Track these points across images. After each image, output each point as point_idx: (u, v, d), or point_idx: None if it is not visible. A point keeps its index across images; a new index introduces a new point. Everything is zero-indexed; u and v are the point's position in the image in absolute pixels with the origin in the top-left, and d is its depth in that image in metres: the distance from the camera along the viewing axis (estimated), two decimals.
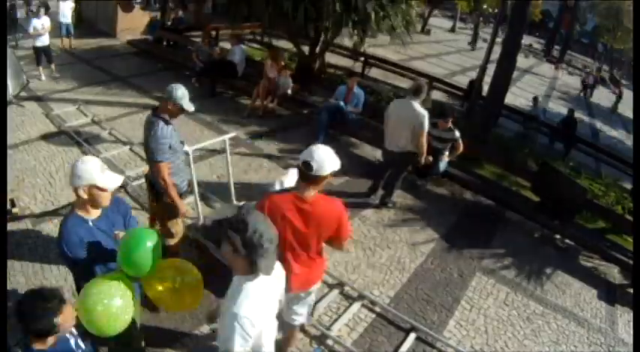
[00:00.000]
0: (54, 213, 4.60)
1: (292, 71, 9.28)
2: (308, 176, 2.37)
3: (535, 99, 12.51)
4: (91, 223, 2.25)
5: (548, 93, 18.99)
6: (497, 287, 4.73)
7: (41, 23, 8.38)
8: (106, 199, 2.22)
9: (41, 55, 8.56)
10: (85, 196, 2.15)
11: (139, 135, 6.53)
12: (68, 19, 10.57)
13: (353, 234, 5.10)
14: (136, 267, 2.11)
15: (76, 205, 2.23)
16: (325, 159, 2.35)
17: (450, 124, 6.16)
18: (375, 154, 7.18)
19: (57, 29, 10.13)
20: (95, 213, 2.26)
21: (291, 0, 7.51)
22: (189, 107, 3.34)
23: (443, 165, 6.24)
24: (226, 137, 4.53)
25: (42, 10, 8.56)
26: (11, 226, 4.24)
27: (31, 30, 8.35)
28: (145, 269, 2.11)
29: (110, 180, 2.18)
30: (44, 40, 8.50)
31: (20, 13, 12.83)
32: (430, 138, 6.38)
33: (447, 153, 6.26)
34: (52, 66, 8.79)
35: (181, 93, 3.27)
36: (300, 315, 2.90)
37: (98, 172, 2.13)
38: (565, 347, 4.16)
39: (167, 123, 3.30)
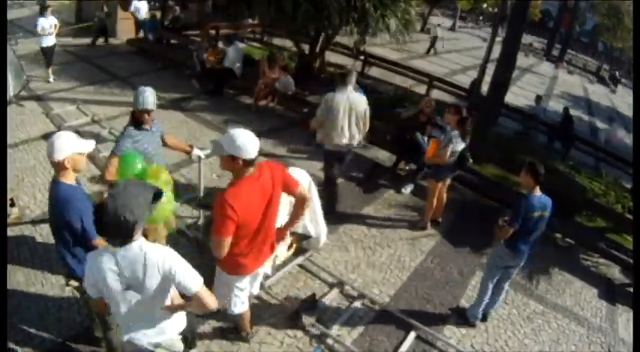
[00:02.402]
0: None
1: (292, 70, 9.28)
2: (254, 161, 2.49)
3: (538, 97, 12.51)
4: (77, 188, 2.57)
5: (549, 92, 18.98)
6: None
7: (49, 23, 8.22)
8: (84, 163, 2.55)
9: (51, 56, 8.39)
10: (70, 165, 2.44)
11: None
12: None
13: (353, 232, 5.11)
14: None
15: (60, 176, 2.49)
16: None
17: (451, 120, 6.18)
18: (376, 155, 7.20)
19: None
20: (74, 179, 2.56)
21: None
22: (151, 107, 3.42)
23: None
24: (201, 153, 4.54)
25: (49, 10, 8.38)
26: (11, 225, 4.24)
27: (39, 29, 8.11)
28: None
29: (87, 145, 2.52)
30: (51, 41, 8.31)
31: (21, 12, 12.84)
32: (431, 127, 6.40)
33: None
34: (49, 69, 8.51)
35: (142, 98, 3.37)
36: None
37: (76, 141, 2.46)
38: (565, 347, 4.16)
39: (138, 127, 3.44)
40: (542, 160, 7.35)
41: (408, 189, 6.20)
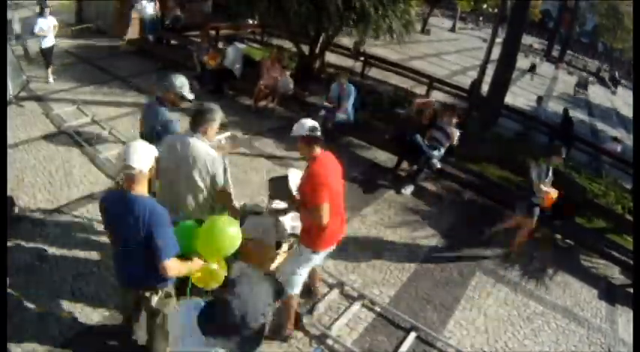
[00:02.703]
0: (53, 212, 4.59)
1: (292, 70, 9.28)
2: (318, 139, 2.92)
3: (539, 98, 12.56)
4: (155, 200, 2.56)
5: (548, 93, 18.99)
6: (497, 287, 4.73)
7: (47, 24, 8.15)
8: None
9: (50, 56, 8.33)
10: (151, 173, 2.43)
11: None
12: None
13: (353, 233, 5.10)
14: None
15: (137, 189, 2.38)
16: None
17: (454, 119, 6.22)
18: (376, 155, 7.20)
19: None
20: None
21: None
22: (189, 95, 3.66)
23: (438, 155, 6.27)
24: (222, 136, 4.56)
25: (47, 10, 8.31)
26: (12, 225, 4.23)
27: (37, 30, 8.03)
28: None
29: (154, 149, 2.48)
30: (50, 41, 8.25)
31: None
32: (432, 130, 6.41)
33: (444, 146, 6.30)
34: (49, 70, 8.41)
35: (180, 82, 3.57)
36: None
37: (149, 146, 2.44)
38: (565, 347, 4.16)
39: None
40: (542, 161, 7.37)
41: (408, 190, 6.20)
